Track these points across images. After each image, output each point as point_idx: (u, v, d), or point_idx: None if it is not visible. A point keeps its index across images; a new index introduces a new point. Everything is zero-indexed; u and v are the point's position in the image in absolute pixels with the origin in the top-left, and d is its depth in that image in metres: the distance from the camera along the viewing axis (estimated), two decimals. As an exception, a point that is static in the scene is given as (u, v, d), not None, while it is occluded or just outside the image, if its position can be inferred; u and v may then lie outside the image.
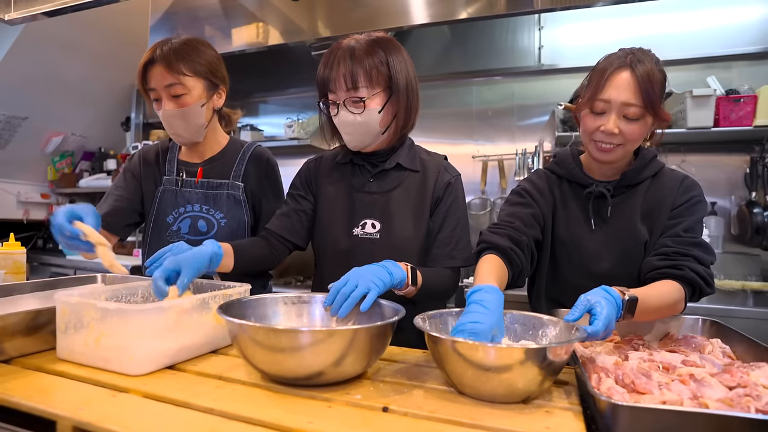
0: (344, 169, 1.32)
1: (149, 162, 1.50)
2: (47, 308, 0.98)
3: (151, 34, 2.84)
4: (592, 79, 1.14)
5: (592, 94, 1.11)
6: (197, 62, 1.34)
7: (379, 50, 1.17)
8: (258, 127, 3.46)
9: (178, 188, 1.45)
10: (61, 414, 0.71)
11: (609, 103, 1.09)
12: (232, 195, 1.43)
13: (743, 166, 2.45)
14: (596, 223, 1.20)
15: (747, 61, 2.45)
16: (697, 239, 1.11)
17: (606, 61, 1.13)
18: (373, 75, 1.15)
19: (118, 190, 1.48)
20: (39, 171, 3.98)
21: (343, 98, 1.17)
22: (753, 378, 0.79)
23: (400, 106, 1.21)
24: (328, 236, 1.30)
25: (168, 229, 1.45)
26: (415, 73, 1.25)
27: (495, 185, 2.90)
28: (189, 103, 1.33)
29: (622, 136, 1.09)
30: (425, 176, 1.29)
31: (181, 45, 1.33)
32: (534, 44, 2.84)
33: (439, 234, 1.26)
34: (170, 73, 1.30)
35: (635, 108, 1.07)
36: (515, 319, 0.95)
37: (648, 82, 1.06)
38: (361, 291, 0.93)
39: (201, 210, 1.44)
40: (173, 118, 1.34)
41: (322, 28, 2.49)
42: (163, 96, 1.33)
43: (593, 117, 1.12)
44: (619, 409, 0.65)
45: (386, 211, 1.25)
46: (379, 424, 0.69)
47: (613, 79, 1.08)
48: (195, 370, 0.91)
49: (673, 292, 1.04)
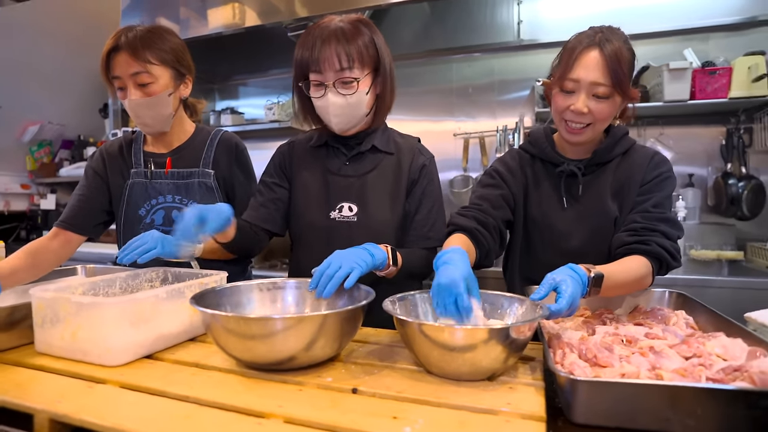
0: (319, 152, 1.33)
1: (113, 156, 1.48)
2: (23, 303, 0.98)
3: (123, 18, 2.77)
4: (562, 58, 1.15)
5: (562, 73, 1.12)
6: (164, 50, 1.32)
7: (366, 30, 1.17)
8: (238, 110, 3.42)
9: (148, 180, 1.43)
10: (38, 407, 0.73)
11: (578, 83, 1.10)
12: (203, 183, 1.43)
13: (719, 137, 2.47)
14: (567, 201, 1.22)
15: (724, 33, 2.45)
16: (665, 214, 1.13)
17: (575, 40, 1.13)
18: (364, 55, 1.15)
19: (81, 190, 1.45)
20: (17, 161, 3.90)
21: (333, 79, 1.15)
22: (708, 348, 0.82)
23: (386, 88, 1.22)
24: (305, 220, 1.31)
25: (141, 221, 1.44)
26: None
27: (477, 162, 2.91)
28: (156, 92, 1.32)
29: (591, 115, 1.11)
30: (400, 159, 1.30)
31: (146, 33, 1.31)
32: (513, 19, 2.81)
33: (416, 216, 1.28)
34: (136, 61, 1.28)
35: (604, 87, 1.08)
36: (484, 299, 0.97)
37: (616, 61, 1.07)
38: (344, 271, 0.94)
39: (174, 200, 1.43)
40: (140, 107, 1.32)
41: (300, 8, 2.45)
42: (129, 84, 1.30)
43: (563, 96, 1.13)
44: (577, 384, 0.68)
45: (362, 194, 1.27)
46: (347, 406, 0.72)
47: (581, 59, 1.09)
48: (172, 358, 0.93)
49: (640, 267, 1.07)
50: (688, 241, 2.30)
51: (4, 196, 3.84)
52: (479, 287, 0.89)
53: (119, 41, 1.29)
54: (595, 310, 1.13)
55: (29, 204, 3.99)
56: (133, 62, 1.28)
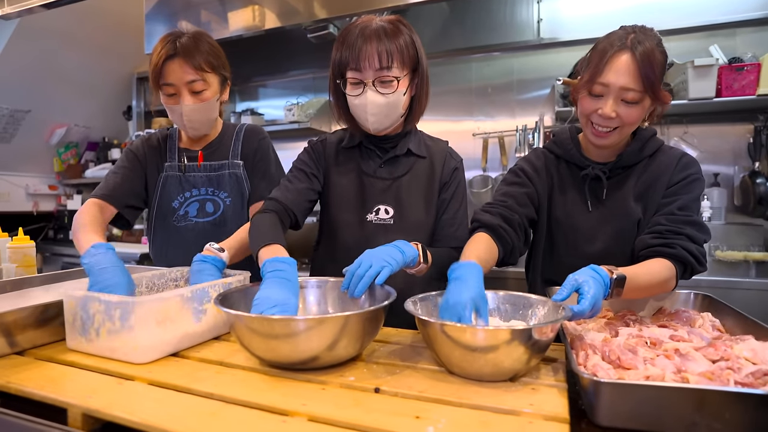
0: (352, 153, 1.32)
1: (153, 147, 1.53)
2: (55, 302, 1.02)
3: (147, 22, 2.83)
4: (591, 60, 1.11)
5: (591, 76, 1.08)
6: (214, 57, 1.37)
7: (406, 30, 1.17)
8: (258, 111, 3.47)
9: (182, 173, 1.48)
10: (72, 402, 0.75)
11: (607, 87, 1.07)
12: (233, 173, 1.48)
13: (747, 135, 2.41)
14: (592, 203, 1.21)
15: (751, 28, 2.39)
16: (692, 217, 1.10)
17: (606, 42, 1.09)
18: (405, 55, 1.15)
19: (121, 169, 1.47)
20: (45, 163, 4.02)
21: (373, 78, 1.14)
22: (736, 351, 0.81)
23: (422, 90, 1.23)
24: (339, 221, 1.30)
25: (174, 213, 1.48)
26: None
27: (496, 162, 2.89)
28: (208, 98, 1.37)
29: (619, 119, 1.08)
30: (432, 162, 1.31)
31: (197, 40, 1.34)
32: (533, 18, 2.79)
33: (444, 215, 1.29)
34: (194, 69, 1.32)
35: (634, 92, 1.05)
36: (506, 299, 0.97)
37: (648, 65, 1.04)
38: (375, 270, 0.94)
39: (207, 192, 1.48)
40: (194, 113, 1.37)
41: (319, 10, 2.47)
42: (184, 91, 1.34)
43: (591, 99, 1.11)
44: (600, 386, 0.67)
45: (398, 196, 1.27)
46: (370, 405, 0.72)
47: (612, 62, 1.06)
48: (197, 356, 0.95)
49: (663, 270, 1.05)
50: (714, 242, 2.25)
51: (33, 196, 3.96)
52: (501, 287, 0.89)
53: (175, 49, 1.31)
54: (617, 311, 1.12)
55: (56, 204, 4.11)
56: (190, 70, 1.32)
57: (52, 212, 4.07)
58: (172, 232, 1.49)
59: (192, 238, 1.46)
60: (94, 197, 1.40)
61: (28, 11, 1.96)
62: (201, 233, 1.46)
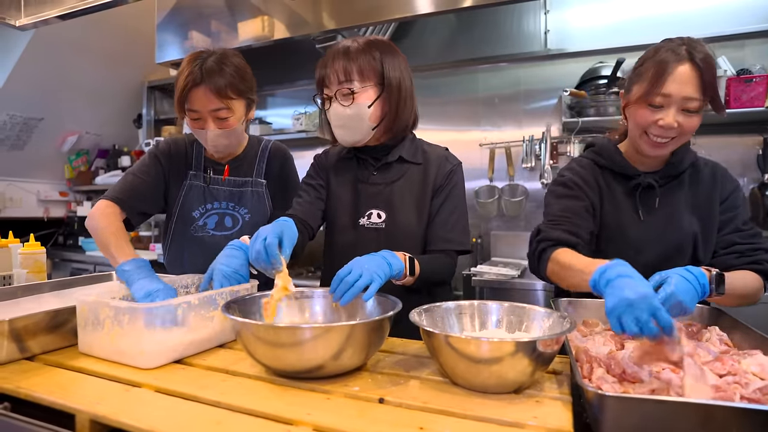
0: (350, 163, 1.37)
1: (180, 152, 1.51)
2: (66, 308, 1.03)
3: (158, 31, 2.87)
4: (645, 71, 1.11)
5: (650, 88, 1.08)
6: (240, 82, 1.34)
7: (374, 49, 1.23)
8: (266, 120, 3.50)
9: (206, 185, 1.49)
10: (80, 408, 0.76)
11: (669, 98, 1.07)
12: (255, 192, 1.50)
13: (756, 147, 2.40)
14: (643, 213, 1.21)
15: (760, 39, 2.39)
16: (755, 229, 1.17)
17: (660, 54, 1.09)
18: (364, 69, 1.21)
19: (141, 173, 1.45)
20: (56, 170, 4.08)
21: (335, 90, 1.22)
22: (743, 366, 0.80)
23: (392, 104, 1.25)
24: (336, 227, 1.35)
25: (193, 223, 1.49)
26: (412, 78, 1.29)
27: (503, 172, 2.90)
28: (233, 125, 1.37)
29: (679, 128, 1.09)
30: (426, 168, 1.32)
31: (223, 63, 1.31)
32: (540, 29, 2.81)
33: (437, 217, 1.29)
34: (219, 98, 1.30)
35: (696, 102, 1.06)
36: (510, 311, 0.97)
37: (709, 72, 1.05)
38: (364, 281, 0.95)
39: (228, 207, 1.49)
40: (218, 138, 1.37)
41: (327, 20, 2.49)
42: (208, 118, 1.33)
43: (650, 111, 1.10)
44: (605, 399, 0.67)
45: (390, 201, 1.29)
46: (374, 415, 0.72)
47: (674, 73, 1.06)
48: (203, 364, 0.95)
49: (755, 281, 1.10)
50: (723, 254, 2.23)
51: (44, 203, 4.02)
52: (531, 301, 0.88)
53: (200, 75, 1.28)
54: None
55: (66, 211, 4.16)
56: (215, 99, 1.30)
57: (63, 218, 4.12)
58: (190, 241, 1.50)
59: (207, 250, 1.43)
60: (109, 199, 1.38)
61: (44, 22, 2.00)
62: (216, 246, 1.41)
